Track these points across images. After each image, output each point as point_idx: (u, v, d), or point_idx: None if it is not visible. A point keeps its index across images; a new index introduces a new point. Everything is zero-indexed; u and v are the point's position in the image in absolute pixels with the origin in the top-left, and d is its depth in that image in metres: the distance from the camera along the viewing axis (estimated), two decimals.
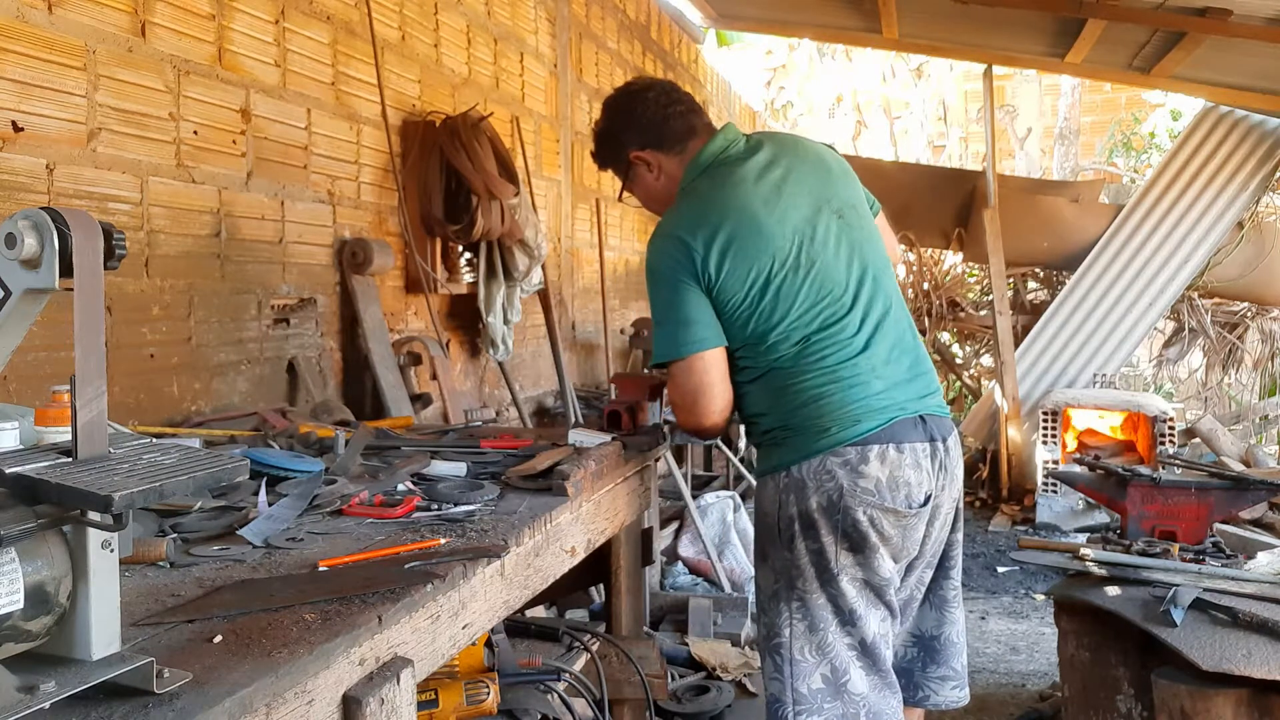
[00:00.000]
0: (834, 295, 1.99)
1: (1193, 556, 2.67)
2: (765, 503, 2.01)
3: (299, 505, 1.71)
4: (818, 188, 2.06)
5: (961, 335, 8.47)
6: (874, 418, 1.94)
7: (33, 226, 0.97)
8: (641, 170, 2.20)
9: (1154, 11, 4.78)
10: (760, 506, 2.04)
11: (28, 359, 2.22)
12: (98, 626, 0.99)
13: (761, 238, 1.96)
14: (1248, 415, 7.51)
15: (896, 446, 1.95)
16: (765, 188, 2.02)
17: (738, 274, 1.95)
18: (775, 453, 2.01)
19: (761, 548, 2.04)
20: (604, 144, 2.28)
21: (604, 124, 2.26)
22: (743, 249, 1.95)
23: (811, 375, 1.97)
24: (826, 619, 1.96)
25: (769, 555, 2.01)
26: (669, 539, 4.51)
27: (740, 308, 1.97)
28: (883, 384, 1.97)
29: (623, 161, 2.22)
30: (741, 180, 2.03)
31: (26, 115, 2.26)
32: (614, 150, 2.24)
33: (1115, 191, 8.26)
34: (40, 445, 1.15)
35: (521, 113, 4.89)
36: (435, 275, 3.86)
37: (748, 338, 1.99)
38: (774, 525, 1.99)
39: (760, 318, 1.97)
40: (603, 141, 2.28)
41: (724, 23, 8.33)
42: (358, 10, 3.50)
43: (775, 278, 1.95)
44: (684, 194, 2.10)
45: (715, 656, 3.55)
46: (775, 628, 1.99)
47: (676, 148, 2.16)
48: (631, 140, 2.19)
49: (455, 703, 1.82)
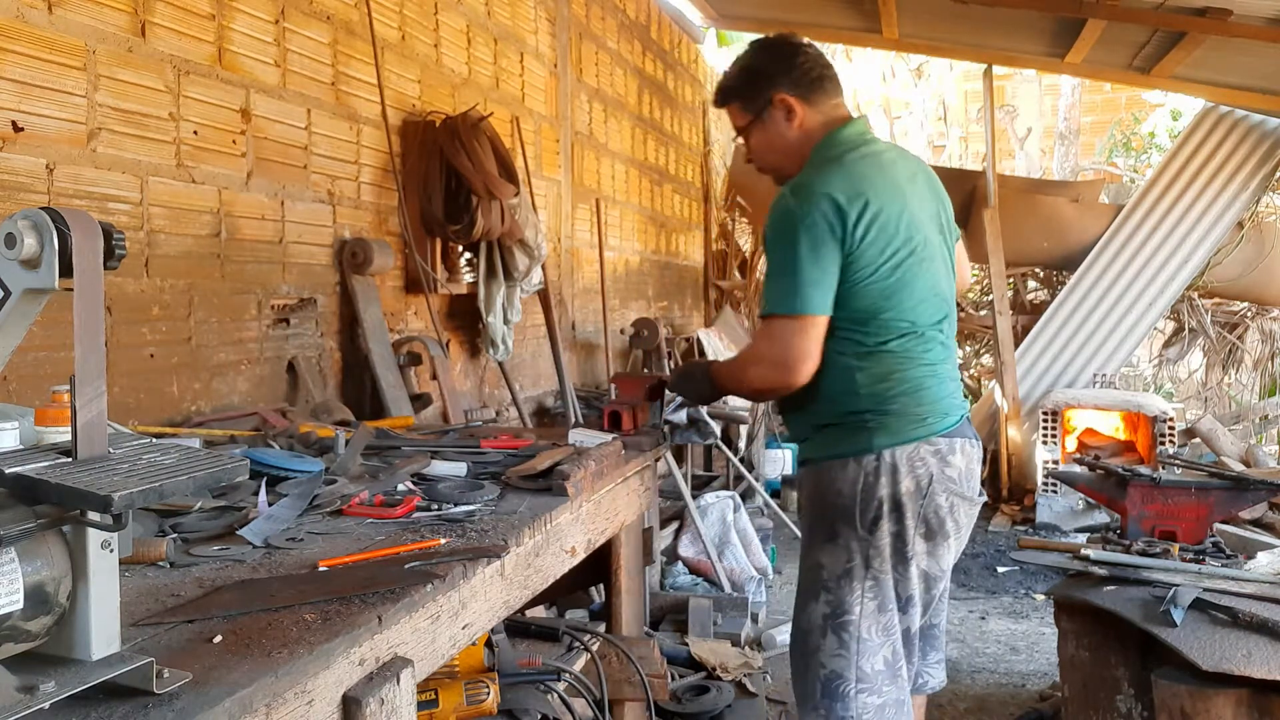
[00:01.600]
0: (940, 295, 2.14)
1: (1193, 556, 2.67)
2: (842, 484, 2.06)
3: (299, 505, 1.71)
4: (934, 198, 2.21)
5: (961, 335, 8.47)
6: (956, 413, 2.12)
7: (33, 226, 0.97)
8: (779, 115, 2.19)
9: (1154, 11, 4.78)
10: (831, 487, 2.07)
11: (28, 359, 2.22)
12: (98, 626, 0.99)
13: (903, 220, 2.05)
14: (1248, 415, 7.50)
15: (970, 441, 2.14)
16: (905, 178, 2.13)
17: (876, 246, 2.01)
18: (860, 436, 2.05)
19: (831, 527, 2.08)
20: (748, 79, 2.25)
21: (754, 61, 2.26)
22: (886, 226, 2.02)
23: (917, 366, 2.07)
24: (893, 602, 2.06)
25: (840, 535, 2.06)
26: (669, 539, 4.51)
27: (867, 280, 2.02)
28: (955, 385, 2.17)
29: (761, 100, 2.20)
30: (891, 164, 2.14)
31: (26, 115, 2.26)
32: (757, 88, 2.21)
33: (1115, 191, 8.26)
34: (40, 445, 1.15)
35: (521, 113, 4.89)
36: (435, 275, 3.86)
37: (861, 311, 2.04)
38: (852, 506, 2.04)
39: (881, 295, 2.03)
40: (748, 76, 2.25)
41: (724, 23, 8.33)
42: (358, 10, 3.50)
43: (905, 262, 2.04)
44: (828, 161, 2.11)
45: (715, 656, 3.55)
46: (845, 605, 2.05)
47: (822, 108, 2.20)
48: (783, 84, 2.18)
49: (455, 703, 1.82)
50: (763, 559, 4.65)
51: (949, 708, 3.41)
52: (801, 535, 2.24)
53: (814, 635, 2.08)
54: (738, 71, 2.30)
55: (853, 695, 2.03)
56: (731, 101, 2.29)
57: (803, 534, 2.22)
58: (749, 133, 2.27)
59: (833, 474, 2.08)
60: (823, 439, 2.12)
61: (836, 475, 2.08)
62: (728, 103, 2.30)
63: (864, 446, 2.05)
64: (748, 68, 2.27)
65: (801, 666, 2.12)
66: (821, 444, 2.13)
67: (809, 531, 2.16)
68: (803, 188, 2.05)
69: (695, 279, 8.57)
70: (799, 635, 2.13)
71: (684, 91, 8.26)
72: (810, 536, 2.15)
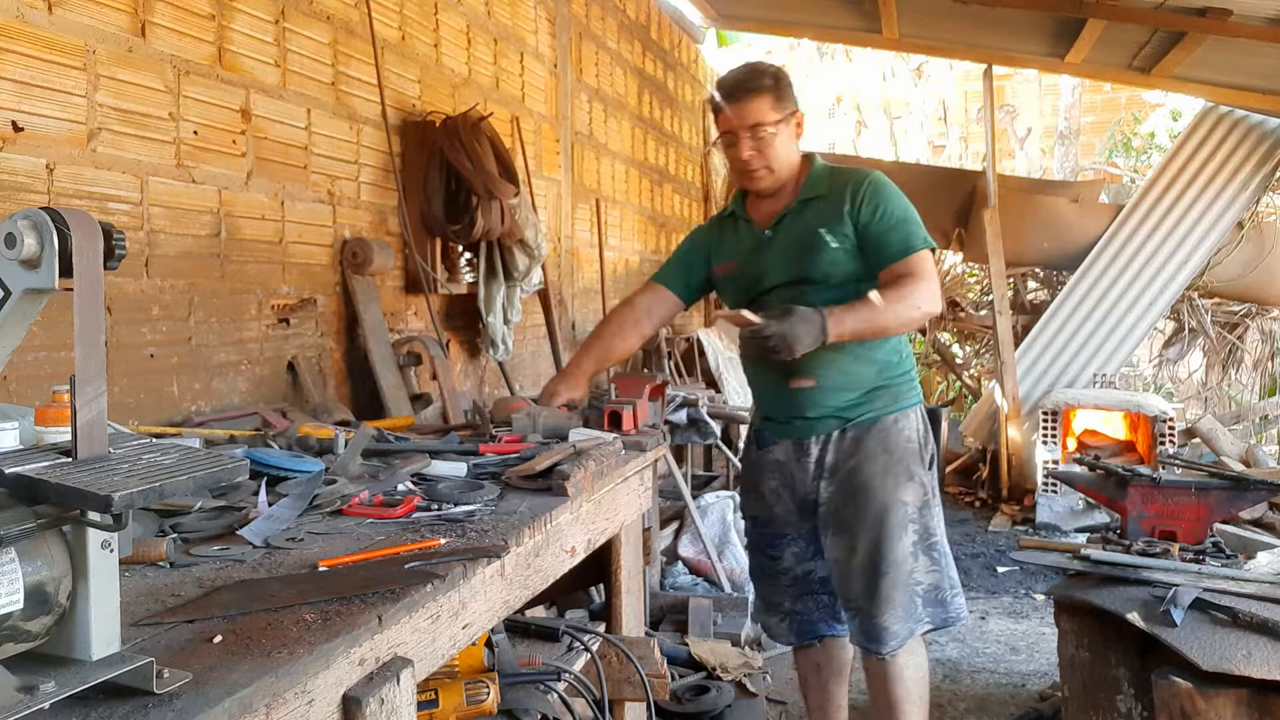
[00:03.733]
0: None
1: (1193, 556, 2.66)
2: (910, 431, 2.49)
3: (299, 505, 1.71)
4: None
5: (961, 335, 8.47)
6: None
7: (32, 226, 0.97)
8: (795, 128, 2.49)
9: (1154, 11, 4.78)
10: (902, 434, 2.47)
11: (28, 359, 2.22)
12: (98, 626, 0.99)
13: None
14: (1248, 415, 7.50)
15: None
16: None
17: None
18: (911, 392, 2.54)
19: (908, 469, 2.46)
20: (788, 83, 2.49)
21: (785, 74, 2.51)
22: None
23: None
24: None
25: (915, 474, 2.46)
26: (669, 539, 4.51)
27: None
28: None
29: (791, 106, 2.47)
30: None
31: (26, 115, 2.26)
32: (791, 95, 2.48)
33: (1115, 191, 8.25)
34: (40, 445, 1.15)
35: (521, 113, 4.89)
36: (435, 275, 3.86)
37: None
38: (918, 449, 2.48)
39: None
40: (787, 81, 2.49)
41: (724, 23, 8.33)
42: (358, 10, 3.50)
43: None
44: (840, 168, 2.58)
45: (715, 656, 3.55)
46: (931, 529, 2.48)
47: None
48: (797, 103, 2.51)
49: (455, 703, 1.82)
50: None
51: (949, 708, 3.41)
52: (862, 484, 2.45)
53: (907, 562, 2.42)
54: (777, 71, 2.48)
55: (949, 599, 2.48)
56: (767, 94, 2.42)
57: (867, 482, 2.44)
58: (771, 130, 2.42)
59: (899, 424, 2.47)
60: (876, 398, 2.47)
61: (904, 425, 2.48)
62: (762, 94, 2.41)
63: (916, 399, 2.54)
64: (784, 76, 2.48)
65: (898, 594, 2.41)
66: (878, 403, 2.48)
67: (883, 477, 2.44)
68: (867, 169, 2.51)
69: None
70: (890, 568, 2.41)
71: (684, 91, 8.26)
72: (884, 481, 2.44)
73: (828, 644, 2.70)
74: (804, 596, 2.65)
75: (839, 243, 2.41)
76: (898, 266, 2.38)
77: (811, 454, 2.52)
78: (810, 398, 2.48)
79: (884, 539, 2.42)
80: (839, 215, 2.43)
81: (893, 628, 2.42)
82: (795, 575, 2.64)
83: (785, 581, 2.65)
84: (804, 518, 2.57)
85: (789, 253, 2.48)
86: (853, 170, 2.52)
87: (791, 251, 2.47)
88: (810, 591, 2.64)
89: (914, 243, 2.40)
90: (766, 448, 2.62)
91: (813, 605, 2.65)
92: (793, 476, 2.55)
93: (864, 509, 2.44)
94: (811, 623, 2.67)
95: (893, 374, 2.50)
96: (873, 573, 2.42)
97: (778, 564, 2.65)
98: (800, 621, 2.67)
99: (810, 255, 2.43)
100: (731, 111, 2.42)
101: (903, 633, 2.43)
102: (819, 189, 2.48)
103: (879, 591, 2.41)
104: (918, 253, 2.38)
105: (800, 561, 2.62)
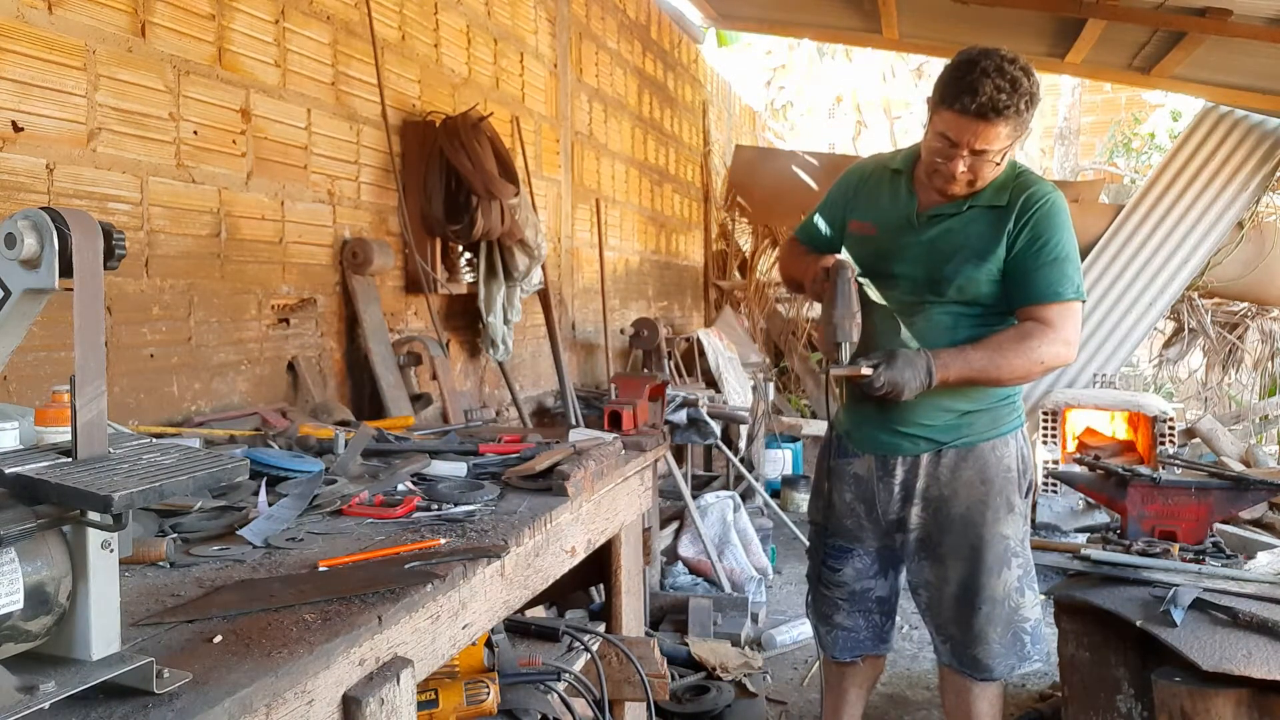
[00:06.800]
0: None
1: (1193, 556, 2.67)
2: (1010, 460, 2.35)
3: (299, 505, 1.71)
4: None
5: None
6: None
7: (32, 226, 0.97)
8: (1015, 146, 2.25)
9: (1154, 11, 4.78)
10: (1001, 463, 2.34)
11: (28, 359, 2.22)
12: (98, 626, 0.99)
13: None
14: (1248, 415, 7.50)
15: None
16: None
17: None
18: (1010, 415, 2.38)
19: (1008, 500, 2.34)
20: (1037, 106, 2.20)
21: (1036, 89, 2.19)
22: None
23: None
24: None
25: (1015, 505, 2.34)
26: (669, 539, 4.51)
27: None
28: None
29: (1026, 131, 2.24)
30: None
31: (26, 115, 2.26)
32: (1032, 115, 2.20)
33: (1115, 191, 8.25)
34: (40, 445, 1.15)
35: (521, 113, 4.89)
36: (435, 275, 3.86)
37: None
38: (1017, 479, 2.35)
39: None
40: (1038, 103, 2.22)
41: (724, 23, 8.33)
42: (358, 10, 3.50)
43: None
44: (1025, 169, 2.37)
45: (715, 656, 3.55)
46: (1029, 563, 2.38)
47: None
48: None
49: (455, 703, 1.82)
50: (763, 559, 4.65)
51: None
52: (959, 515, 2.35)
53: (1013, 597, 2.33)
54: (1033, 89, 2.15)
55: (1042, 632, 2.39)
56: (1014, 119, 2.14)
57: (965, 514, 2.34)
58: (996, 160, 2.20)
59: (998, 452, 2.34)
60: (974, 420, 2.34)
61: (1002, 453, 2.34)
62: (1009, 119, 2.13)
63: (1017, 423, 2.39)
64: (1037, 94, 2.17)
65: (996, 630, 2.33)
66: (976, 427, 2.34)
67: (981, 509, 2.32)
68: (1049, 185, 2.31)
69: (695, 279, 8.57)
70: (985, 603, 2.32)
71: (684, 91, 8.26)
72: (984, 514, 2.32)
73: (868, 660, 2.61)
74: (856, 613, 2.53)
75: (983, 263, 2.24)
76: (1037, 310, 2.22)
77: (897, 475, 2.38)
78: (902, 413, 2.32)
79: (980, 573, 2.32)
80: (998, 233, 2.24)
81: (991, 663, 2.35)
82: (852, 590, 2.52)
83: (840, 595, 2.53)
84: (877, 536, 2.47)
85: (931, 253, 2.29)
86: (1034, 184, 2.28)
87: (934, 252, 2.29)
88: (864, 610, 2.53)
89: (1064, 289, 2.21)
90: (847, 458, 2.48)
91: (864, 623, 2.54)
92: (873, 494, 2.42)
93: (959, 541, 2.34)
94: (858, 641, 2.55)
95: (994, 397, 2.34)
96: (966, 607, 2.35)
97: (836, 575, 2.53)
98: (847, 638, 2.56)
99: (947, 266, 2.26)
100: (967, 126, 2.14)
101: (1004, 669, 2.36)
102: (993, 199, 2.27)
103: (973, 627, 2.34)
104: (1064, 302, 2.21)
105: (860, 578, 2.51)
